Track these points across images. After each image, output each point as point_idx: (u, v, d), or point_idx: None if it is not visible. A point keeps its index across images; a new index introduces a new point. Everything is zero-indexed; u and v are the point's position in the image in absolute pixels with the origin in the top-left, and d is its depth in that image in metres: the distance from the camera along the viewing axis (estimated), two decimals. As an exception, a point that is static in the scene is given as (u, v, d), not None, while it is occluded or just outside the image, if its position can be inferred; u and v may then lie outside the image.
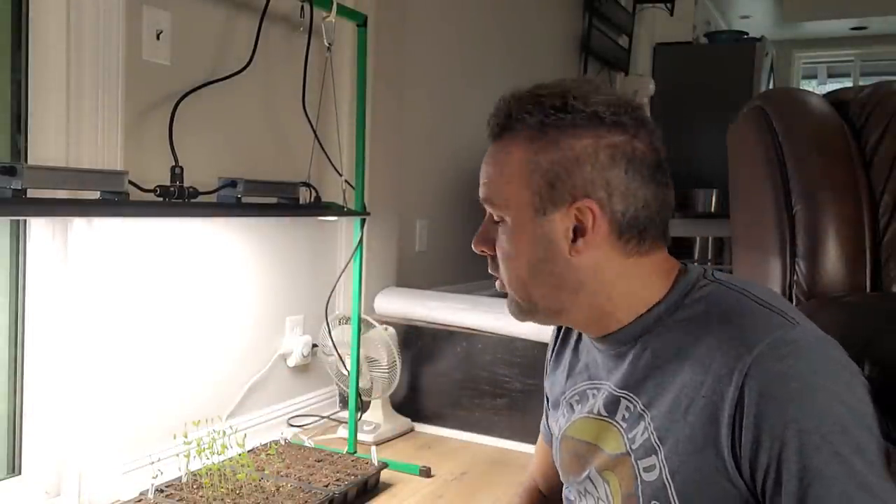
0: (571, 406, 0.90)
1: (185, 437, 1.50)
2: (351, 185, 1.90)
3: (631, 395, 0.80)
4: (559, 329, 1.00)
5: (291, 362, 2.07)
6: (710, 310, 0.76)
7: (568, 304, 0.81)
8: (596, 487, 0.84)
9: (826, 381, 0.68)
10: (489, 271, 0.87)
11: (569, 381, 0.93)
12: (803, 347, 0.69)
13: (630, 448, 0.78)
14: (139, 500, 1.46)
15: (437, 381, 2.13)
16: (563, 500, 0.95)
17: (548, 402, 1.03)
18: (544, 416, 1.08)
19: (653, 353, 0.78)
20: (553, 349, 1.00)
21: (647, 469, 0.76)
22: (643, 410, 0.78)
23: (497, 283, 0.87)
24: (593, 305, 0.80)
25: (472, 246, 0.86)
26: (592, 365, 0.88)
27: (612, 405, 0.82)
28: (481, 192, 0.83)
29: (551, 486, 1.08)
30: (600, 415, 0.83)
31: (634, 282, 0.80)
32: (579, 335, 0.95)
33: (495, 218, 0.83)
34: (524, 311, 0.84)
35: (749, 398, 0.68)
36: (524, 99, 0.80)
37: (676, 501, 0.74)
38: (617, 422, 0.81)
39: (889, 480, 0.66)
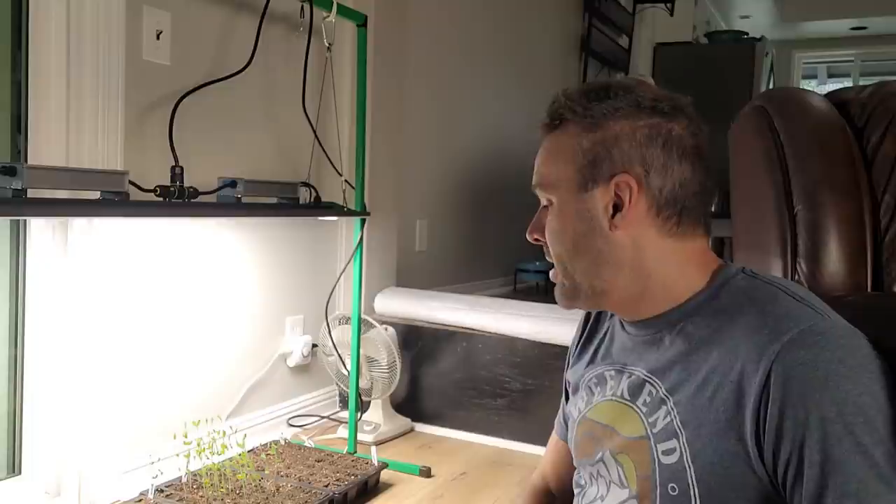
0: (591, 389, 0.92)
1: (185, 437, 1.49)
2: (351, 185, 1.90)
3: (656, 380, 0.81)
4: (586, 321, 1.02)
5: (291, 362, 2.07)
6: (743, 300, 0.78)
7: (609, 283, 0.83)
8: (609, 470, 0.85)
9: (851, 372, 0.68)
10: (546, 258, 0.90)
11: (589, 366, 0.95)
12: (831, 338, 0.70)
13: (651, 432, 0.80)
14: (139, 500, 1.46)
15: (437, 381, 2.13)
16: (574, 485, 0.95)
17: (566, 393, 1.04)
18: (560, 411, 1.08)
19: (685, 340, 0.80)
20: (579, 341, 1.02)
21: (667, 452, 0.77)
22: (666, 396, 0.79)
23: (551, 273, 0.90)
24: (632, 285, 0.83)
25: (527, 235, 0.90)
26: (618, 350, 0.90)
27: (637, 389, 0.84)
28: (534, 181, 0.88)
29: (563, 485, 1.08)
30: (622, 398, 0.85)
31: (672, 267, 0.82)
32: (608, 328, 0.97)
33: (544, 202, 0.88)
34: (568, 294, 0.87)
35: (775, 384, 0.69)
36: (573, 92, 0.85)
37: (695, 485, 0.75)
38: (637, 406, 0.82)
39: None
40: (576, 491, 0.94)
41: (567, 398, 1.05)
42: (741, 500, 0.73)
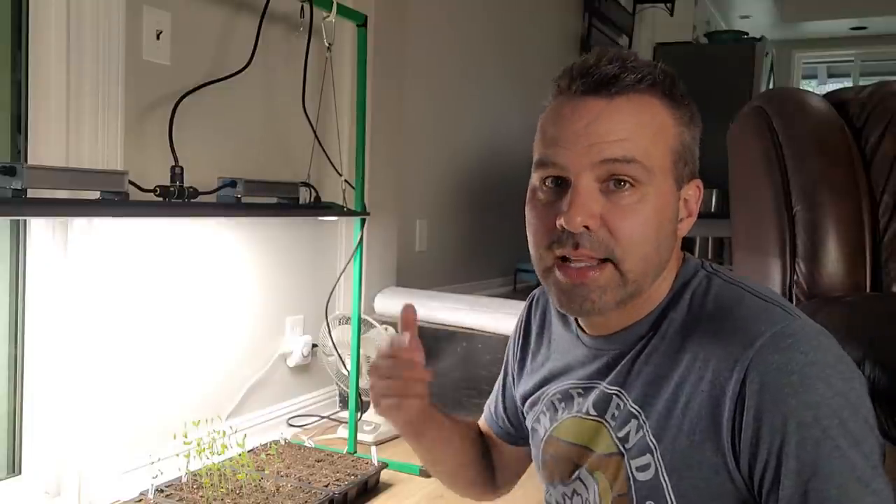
0: (554, 406, 0.87)
1: (185, 437, 1.49)
2: (351, 185, 1.90)
3: (622, 391, 0.78)
4: (525, 319, 0.97)
5: (291, 362, 2.07)
6: (709, 304, 0.75)
7: (653, 285, 0.76)
8: (586, 488, 0.82)
9: (824, 373, 0.67)
10: (585, 253, 0.73)
11: (548, 379, 0.90)
12: (803, 340, 0.68)
13: (623, 448, 0.76)
14: (139, 500, 1.46)
15: (437, 381, 2.11)
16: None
17: (505, 397, 1.02)
18: (494, 406, 1.05)
19: (649, 349, 0.76)
20: (519, 344, 0.97)
21: (641, 468, 0.75)
22: (634, 409, 0.76)
23: (575, 273, 0.74)
24: (648, 292, 0.76)
25: (569, 221, 0.71)
26: (577, 363, 0.85)
27: (603, 403, 0.80)
28: (605, 151, 0.71)
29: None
30: (588, 414, 0.81)
31: (670, 271, 0.78)
32: (541, 328, 0.93)
33: (621, 182, 0.72)
34: (621, 299, 0.74)
35: (750, 390, 0.67)
36: (640, 59, 0.74)
37: (673, 499, 0.72)
38: (606, 420, 0.79)
39: (882, 473, 0.66)
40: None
41: (504, 394, 1.02)
42: None
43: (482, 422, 1.09)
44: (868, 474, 0.65)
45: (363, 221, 1.87)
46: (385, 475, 1.72)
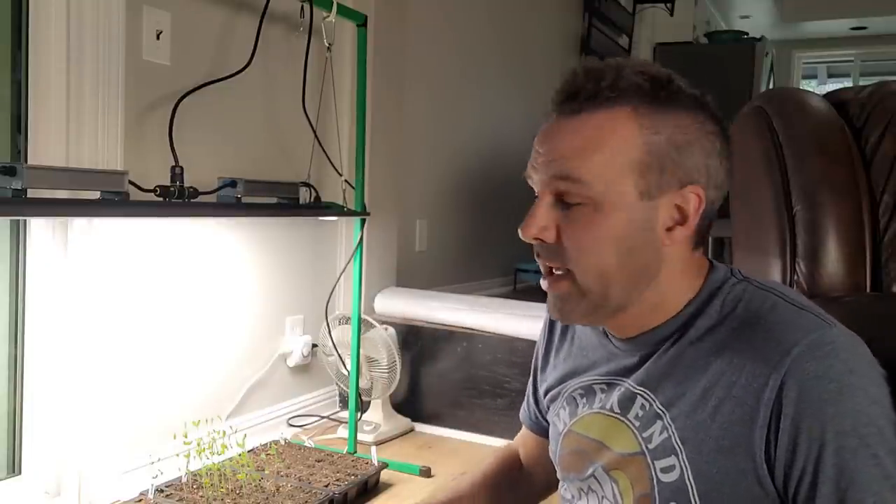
0: (575, 400, 0.88)
1: (185, 437, 1.49)
2: (351, 185, 1.90)
3: (648, 393, 0.78)
4: (552, 325, 0.99)
5: (291, 362, 2.07)
6: (741, 310, 0.75)
7: (635, 298, 0.77)
8: (602, 486, 0.82)
9: (862, 382, 0.67)
10: (543, 262, 0.79)
11: (571, 374, 0.91)
12: (839, 348, 0.68)
13: (646, 447, 0.76)
14: (139, 500, 1.46)
15: (437, 381, 2.13)
16: (560, 499, 0.94)
17: (535, 390, 1.02)
18: (526, 404, 1.07)
19: (677, 351, 0.77)
20: (545, 340, 0.99)
21: (666, 470, 0.75)
22: (661, 410, 0.76)
23: (545, 282, 0.80)
24: (650, 301, 0.77)
25: (524, 232, 0.77)
26: (603, 360, 0.86)
27: (628, 402, 0.80)
28: (554, 168, 0.74)
29: (532, 463, 1.09)
30: (612, 412, 0.81)
31: (685, 278, 0.78)
32: (566, 325, 0.94)
33: (569, 199, 0.75)
34: (584, 309, 0.77)
35: (787, 399, 0.67)
36: (626, 67, 0.73)
37: (697, 502, 0.72)
38: (629, 420, 0.79)
39: None
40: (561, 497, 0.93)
41: (535, 388, 1.03)
42: None
43: (524, 430, 1.10)
44: None
45: (363, 221, 1.87)
46: (385, 475, 1.72)
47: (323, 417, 2.15)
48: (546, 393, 0.96)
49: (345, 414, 2.00)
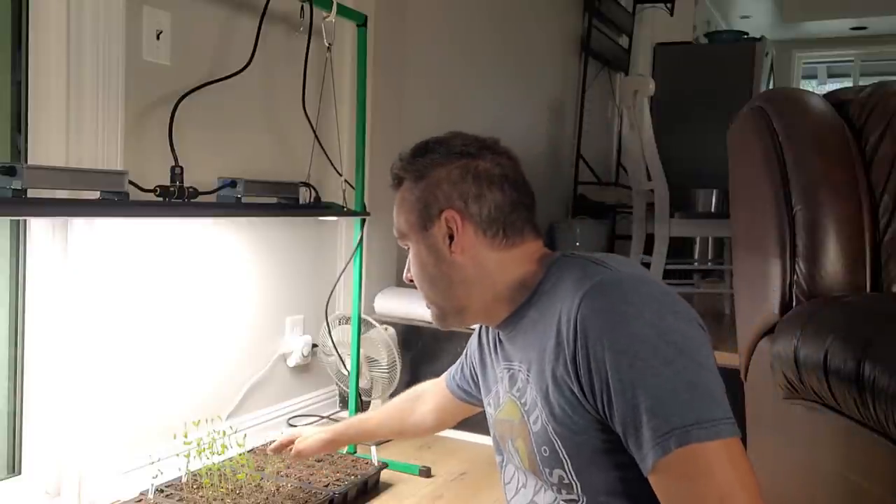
0: (498, 393, 1.04)
1: (185, 437, 1.49)
2: (351, 185, 1.90)
3: (522, 366, 0.95)
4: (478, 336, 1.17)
5: (291, 362, 2.07)
6: (561, 275, 0.92)
7: (464, 299, 0.99)
8: (513, 456, 1.00)
9: (638, 310, 0.81)
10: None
11: (493, 367, 1.07)
12: (618, 285, 0.84)
13: (523, 410, 0.93)
14: (139, 500, 1.46)
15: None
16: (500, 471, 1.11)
17: (471, 372, 1.21)
18: (457, 367, 1.27)
19: (531, 322, 0.93)
20: (478, 346, 1.15)
21: (535, 421, 0.91)
22: (527, 375, 0.92)
23: (426, 305, 1.06)
24: (485, 295, 0.98)
25: (404, 278, 1.07)
26: (503, 354, 1.03)
27: (513, 380, 0.97)
28: (395, 233, 1.05)
29: (438, 410, 1.33)
30: (508, 391, 0.99)
31: (512, 270, 0.96)
32: (491, 341, 1.09)
33: (404, 247, 1.04)
34: (438, 317, 1.03)
35: (580, 333, 0.82)
36: (404, 154, 1.02)
37: (556, 439, 0.87)
38: (514, 393, 0.96)
39: (707, 393, 0.78)
40: (502, 480, 1.09)
41: (469, 366, 1.22)
42: (591, 440, 0.84)
43: (440, 380, 1.34)
44: (679, 386, 0.77)
45: (363, 221, 1.87)
46: (385, 475, 1.72)
47: (323, 417, 2.15)
48: (487, 391, 1.10)
49: (345, 414, 2.00)
